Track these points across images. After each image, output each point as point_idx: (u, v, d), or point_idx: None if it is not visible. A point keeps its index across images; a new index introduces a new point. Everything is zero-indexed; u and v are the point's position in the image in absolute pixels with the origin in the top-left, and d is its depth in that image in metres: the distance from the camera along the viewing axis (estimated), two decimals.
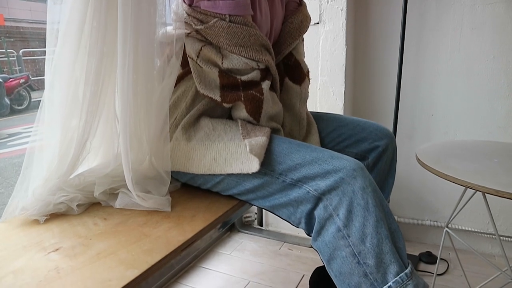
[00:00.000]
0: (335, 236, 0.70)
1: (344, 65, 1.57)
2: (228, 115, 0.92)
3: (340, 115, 1.12)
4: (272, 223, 1.94)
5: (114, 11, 0.77)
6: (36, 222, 0.77)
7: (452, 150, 1.12)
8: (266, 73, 0.87)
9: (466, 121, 1.62)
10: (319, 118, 1.09)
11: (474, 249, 1.11)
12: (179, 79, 0.91)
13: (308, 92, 1.00)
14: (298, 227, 0.79)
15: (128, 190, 0.83)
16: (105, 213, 0.82)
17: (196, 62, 0.86)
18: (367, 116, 1.76)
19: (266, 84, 0.85)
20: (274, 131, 0.89)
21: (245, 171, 0.78)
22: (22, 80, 5.95)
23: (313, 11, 1.54)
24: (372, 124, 1.06)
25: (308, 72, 1.01)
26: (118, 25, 0.75)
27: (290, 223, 0.80)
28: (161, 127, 0.86)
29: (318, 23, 1.59)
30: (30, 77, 6.21)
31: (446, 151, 1.10)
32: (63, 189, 0.83)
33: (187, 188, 0.94)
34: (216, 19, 0.81)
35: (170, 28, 0.89)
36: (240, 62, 0.82)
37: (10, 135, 4.34)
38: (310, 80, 1.06)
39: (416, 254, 1.70)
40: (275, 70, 0.89)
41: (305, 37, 1.04)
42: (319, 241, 0.73)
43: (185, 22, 0.85)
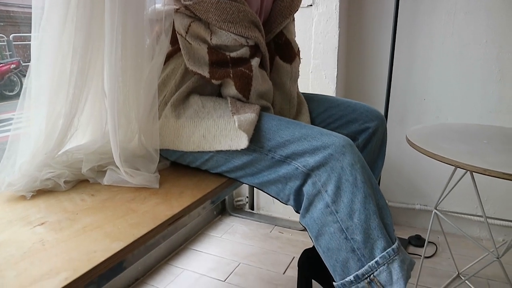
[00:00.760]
0: (323, 212, 0.70)
1: (337, 48, 1.56)
2: (218, 93, 0.91)
3: (331, 96, 1.11)
4: (263, 207, 1.95)
5: None
6: (22, 197, 0.77)
7: (442, 132, 1.12)
8: (255, 50, 0.86)
9: (457, 105, 1.62)
10: (310, 98, 1.09)
11: (462, 231, 1.12)
12: (169, 57, 0.90)
13: (299, 71, 0.99)
14: (287, 204, 0.79)
15: (116, 167, 0.83)
16: (92, 189, 0.81)
17: (185, 39, 0.85)
18: (359, 99, 1.76)
19: (255, 61, 0.84)
20: (264, 109, 0.89)
21: (234, 148, 0.77)
22: (12, 66, 5.85)
23: None
24: (363, 106, 1.06)
25: (299, 51, 1.00)
26: (105, 2, 0.74)
27: (279, 200, 0.80)
28: (150, 105, 0.85)
29: (311, 5, 1.57)
30: (21, 62, 6.10)
31: (436, 133, 1.11)
32: (50, 165, 0.82)
33: (176, 167, 0.93)
34: None
35: (159, 5, 0.87)
36: (229, 38, 0.81)
37: (1, 121, 4.29)
38: (301, 60, 1.05)
39: (406, 237, 1.72)
40: (264, 47, 0.88)
41: (297, 19, 1.03)
42: (308, 217, 0.73)
43: None
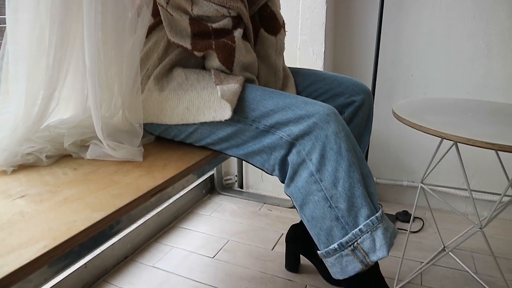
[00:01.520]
0: (307, 181, 0.70)
1: (324, 23, 1.54)
2: (202, 66, 0.90)
3: (317, 70, 1.10)
4: (252, 185, 1.95)
5: None
6: (3, 172, 0.75)
7: (428, 106, 1.12)
8: (238, 21, 0.84)
9: (445, 81, 1.62)
10: (296, 72, 1.08)
11: (447, 203, 1.13)
12: (150, 30, 0.88)
13: (284, 44, 0.98)
14: (272, 175, 0.79)
15: (99, 141, 0.81)
16: (75, 163, 0.80)
17: (166, 10, 0.83)
18: (346, 75, 1.75)
19: (238, 32, 0.83)
20: (249, 81, 0.87)
21: (218, 119, 0.76)
22: None
23: None
24: (349, 80, 1.05)
25: (284, 23, 0.99)
26: None
27: (264, 170, 0.79)
28: (133, 79, 0.84)
29: None
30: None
31: (422, 107, 1.11)
32: (31, 140, 0.81)
33: (160, 141, 0.92)
34: None
35: None
36: (211, 8, 0.79)
37: None
38: (288, 34, 1.03)
39: (393, 213, 1.73)
40: (247, 18, 0.86)
41: None
42: (292, 186, 0.73)
43: None
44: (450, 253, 1.43)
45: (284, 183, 0.76)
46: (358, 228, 0.69)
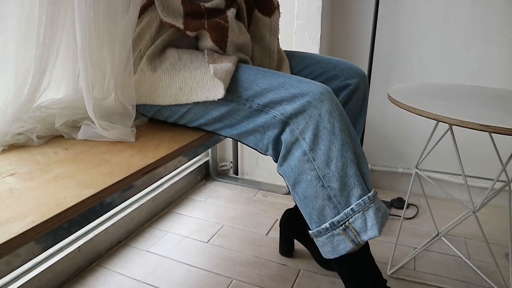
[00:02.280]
0: (300, 160, 0.70)
1: (321, 8, 1.52)
2: (196, 47, 0.89)
3: (312, 53, 1.09)
4: (247, 172, 1.95)
5: None
6: None
7: (424, 90, 1.12)
8: (231, 1, 0.83)
9: (442, 67, 1.62)
10: (291, 55, 1.07)
11: (442, 188, 1.13)
12: (143, 10, 0.87)
13: (279, 26, 0.97)
14: (266, 155, 0.78)
15: (91, 121, 0.80)
16: (67, 144, 0.79)
17: None
18: None
19: (231, 12, 0.81)
20: (243, 62, 0.86)
21: (211, 98, 0.75)
22: None
23: None
24: (344, 63, 1.04)
25: (278, 5, 0.97)
26: None
27: (258, 150, 0.79)
28: (125, 60, 0.83)
29: None
30: None
31: (418, 91, 1.10)
32: (22, 120, 0.80)
33: (154, 123, 0.91)
34: None
35: None
36: None
37: None
38: (283, 16, 1.02)
39: (388, 200, 1.74)
40: None
41: None
42: (285, 165, 0.73)
43: None
44: (444, 238, 1.44)
45: (277, 162, 0.76)
46: (350, 207, 0.68)
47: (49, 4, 0.74)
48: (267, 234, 1.46)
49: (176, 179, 1.72)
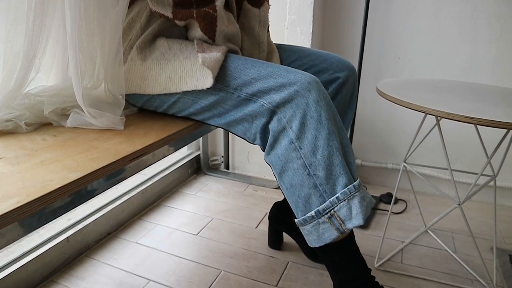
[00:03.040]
0: (287, 148, 0.70)
1: (313, 3, 1.53)
2: (186, 38, 0.89)
3: (302, 47, 1.10)
4: (238, 166, 1.95)
5: None
6: None
7: (413, 84, 1.13)
8: None
9: (431, 64, 1.63)
10: (281, 48, 1.07)
11: (429, 182, 1.14)
12: (133, 0, 0.87)
13: (268, 17, 0.97)
14: (253, 143, 0.79)
15: (80, 110, 0.81)
16: (55, 131, 0.79)
17: None
18: None
19: (220, 2, 0.82)
20: (233, 52, 0.87)
21: (199, 87, 0.76)
22: None
23: None
24: (333, 56, 1.05)
25: None
26: None
27: (246, 140, 0.79)
28: (115, 50, 0.83)
29: None
30: None
31: (406, 85, 1.11)
32: (10, 106, 0.80)
33: (143, 113, 0.92)
34: None
35: None
36: None
37: None
38: (273, 9, 1.03)
39: (378, 195, 1.75)
40: None
41: None
42: (272, 154, 0.73)
43: None
44: (431, 232, 1.46)
45: (264, 151, 0.77)
46: (336, 196, 0.69)
47: None
48: (256, 227, 1.47)
49: (167, 172, 1.72)
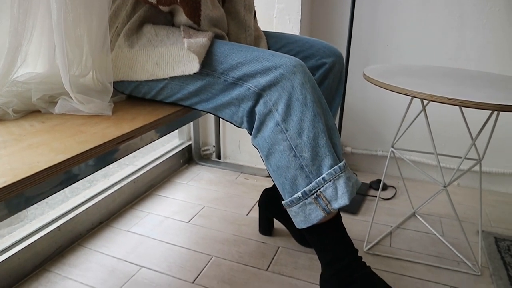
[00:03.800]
0: (273, 130, 0.71)
1: None
2: (172, 24, 0.89)
3: (290, 34, 1.11)
4: (230, 156, 1.96)
5: None
6: None
7: (399, 70, 1.15)
8: None
9: (419, 52, 1.65)
10: (268, 35, 1.08)
11: (417, 168, 1.16)
12: None
13: (254, 2, 0.98)
14: (241, 127, 0.80)
15: (68, 96, 0.81)
16: (43, 118, 0.79)
17: None
18: None
19: None
20: (219, 37, 0.88)
21: (186, 73, 0.77)
22: None
23: None
24: (320, 42, 1.06)
25: None
26: None
27: (233, 124, 0.80)
28: (102, 37, 0.83)
29: None
30: None
31: (393, 70, 1.13)
32: None
33: (132, 100, 0.92)
34: None
35: None
36: None
37: None
38: (264, 4, 1.03)
39: (368, 182, 1.78)
40: None
41: None
42: (259, 137, 0.74)
43: None
44: (419, 217, 1.48)
45: (251, 135, 0.78)
46: (321, 176, 0.71)
47: None
48: (247, 214, 1.48)
49: (158, 162, 1.72)
